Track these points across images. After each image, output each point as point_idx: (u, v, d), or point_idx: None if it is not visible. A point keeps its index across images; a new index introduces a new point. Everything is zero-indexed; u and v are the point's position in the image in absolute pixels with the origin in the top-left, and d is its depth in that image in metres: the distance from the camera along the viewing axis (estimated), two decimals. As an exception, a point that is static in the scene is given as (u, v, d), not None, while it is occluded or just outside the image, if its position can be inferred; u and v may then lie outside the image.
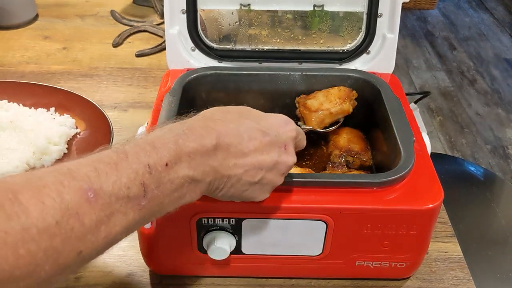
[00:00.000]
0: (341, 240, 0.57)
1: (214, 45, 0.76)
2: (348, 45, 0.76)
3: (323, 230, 0.56)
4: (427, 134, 0.66)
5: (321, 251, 0.58)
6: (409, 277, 0.63)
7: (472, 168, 1.17)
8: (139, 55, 1.06)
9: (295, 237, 0.57)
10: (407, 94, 0.73)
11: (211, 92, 0.74)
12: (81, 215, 0.34)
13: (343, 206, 0.54)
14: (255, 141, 0.48)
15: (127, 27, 1.16)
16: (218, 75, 0.73)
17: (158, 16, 1.22)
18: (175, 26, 0.74)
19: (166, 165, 0.41)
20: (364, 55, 0.76)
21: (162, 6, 0.78)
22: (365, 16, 0.74)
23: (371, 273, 0.61)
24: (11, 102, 0.67)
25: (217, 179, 0.46)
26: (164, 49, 0.86)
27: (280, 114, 0.53)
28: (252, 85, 0.73)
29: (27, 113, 0.65)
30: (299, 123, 0.71)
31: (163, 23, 1.15)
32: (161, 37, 1.12)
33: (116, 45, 1.10)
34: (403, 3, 0.72)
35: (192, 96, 0.72)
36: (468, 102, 2.37)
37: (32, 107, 0.66)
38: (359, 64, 0.76)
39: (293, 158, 0.52)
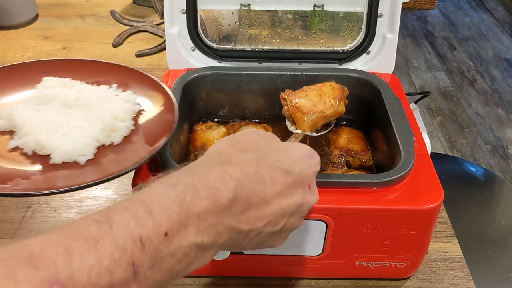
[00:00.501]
0: (341, 240, 0.57)
1: (214, 45, 0.76)
2: (348, 45, 0.76)
3: (323, 230, 0.56)
4: (427, 134, 0.66)
5: (321, 251, 0.58)
6: (409, 277, 0.63)
7: (472, 168, 1.17)
8: (139, 55, 1.06)
9: (295, 237, 0.57)
10: (407, 94, 0.73)
11: (211, 92, 0.74)
12: None
13: (343, 206, 0.54)
14: (277, 184, 0.40)
15: (127, 27, 1.16)
16: (218, 75, 0.73)
17: (158, 16, 1.22)
18: (175, 26, 0.74)
19: (166, 235, 0.32)
20: (364, 55, 0.76)
21: (162, 6, 0.78)
22: (365, 16, 0.74)
23: (371, 273, 0.61)
24: (74, 80, 0.66)
25: (233, 238, 0.38)
26: (164, 49, 0.86)
27: (303, 145, 0.47)
28: (252, 85, 0.73)
29: (90, 90, 0.64)
30: (287, 123, 0.67)
31: (163, 23, 1.15)
32: (161, 37, 1.12)
33: (116, 45, 1.10)
34: (403, 3, 0.72)
35: (192, 96, 0.72)
36: (468, 102, 2.37)
37: (95, 84, 0.66)
38: (359, 64, 0.76)
39: (316, 196, 0.46)
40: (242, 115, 0.77)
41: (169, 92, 0.63)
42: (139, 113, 0.62)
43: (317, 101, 0.64)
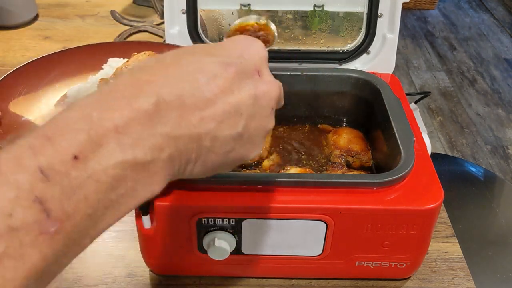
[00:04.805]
0: (341, 240, 0.57)
1: (214, 45, 0.76)
2: (348, 45, 0.76)
3: (323, 230, 0.56)
4: (427, 134, 0.66)
5: (321, 251, 0.58)
6: (409, 277, 0.63)
7: (472, 168, 1.17)
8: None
9: (295, 237, 0.57)
10: (407, 94, 0.73)
11: (211, 92, 0.74)
12: None
13: (343, 206, 0.54)
14: (217, 79, 0.35)
15: (127, 27, 1.16)
16: (218, 75, 0.73)
17: (158, 16, 1.22)
18: (175, 26, 0.74)
19: (76, 158, 0.27)
20: (364, 55, 0.76)
21: (162, 6, 0.78)
22: (365, 16, 0.74)
23: (371, 273, 0.61)
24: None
25: (180, 149, 0.32)
26: (164, 49, 0.86)
27: (239, 35, 0.42)
28: (252, 85, 0.73)
29: None
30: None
31: (163, 23, 1.15)
32: (161, 37, 1.12)
33: (116, 45, 1.10)
34: (403, 3, 0.72)
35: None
36: (468, 102, 2.37)
37: None
38: (359, 64, 0.76)
39: (274, 85, 0.40)
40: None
41: None
42: None
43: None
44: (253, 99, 0.37)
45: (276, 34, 0.51)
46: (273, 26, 0.42)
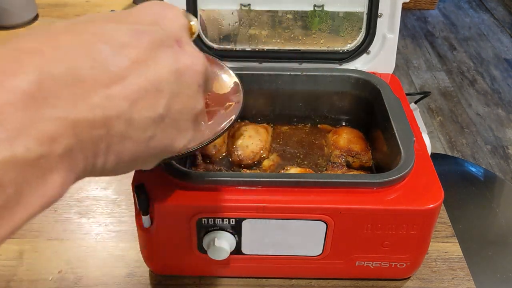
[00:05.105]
0: (341, 240, 0.57)
1: (214, 45, 0.76)
2: (348, 45, 0.76)
3: (323, 230, 0.56)
4: (427, 134, 0.66)
5: (321, 251, 0.58)
6: (409, 277, 0.63)
7: (472, 168, 1.17)
8: (139, 55, 1.06)
9: (295, 237, 0.57)
10: (407, 94, 0.73)
11: (211, 92, 0.74)
12: None
13: (343, 206, 0.54)
14: (126, 49, 0.28)
15: (127, 27, 1.16)
16: (218, 75, 0.73)
17: (158, 16, 1.22)
18: (175, 26, 0.74)
19: None
20: (364, 55, 0.76)
21: (162, 6, 0.78)
22: (365, 16, 0.74)
23: (371, 273, 0.61)
24: None
25: (81, 137, 0.26)
26: (164, 49, 0.86)
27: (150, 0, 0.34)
28: (252, 85, 0.73)
29: None
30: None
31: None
32: (161, 37, 1.12)
33: (116, 45, 1.10)
34: (403, 3, 0.72)
35: (192, 96, 0.72)
36: (468, 102, 2.37)
37: None
38: (359, 64, 0.76)
39: (200, 56, 0.33)
40: (242, 115, 0.77)
41: (233, 74, 0.62)
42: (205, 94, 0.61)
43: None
44: (174, 74, 0.30)
45: (198, 26, 0.49)
46: (193, 20, 0.38)
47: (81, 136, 0.25)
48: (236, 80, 0.61)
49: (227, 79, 0.62)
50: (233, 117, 0.53)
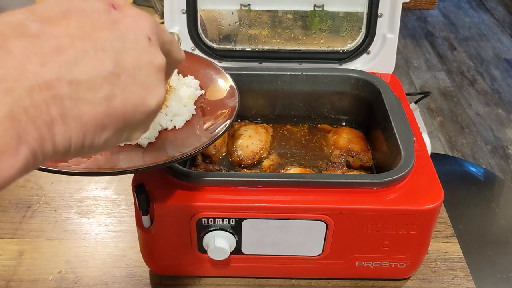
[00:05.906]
0: (341, 240, 0.57)
1: (214, 45, 0.76)
2: (348, 45, 0.76)
3: (323, 230, 0.56)
4: (427, 134, 0.66)
5: (321, 251, 0.58)
6: (409, 277, 0.63)
7: (472, 168, 1.17)
8: (139, 55, 1.06)
9: (295, 237, 0.57)
10: (407, 94, 0.73)
11: (211, 92, 0.74)
12: None
13: (343, 206, 0.54)
14: (45, 9, 0.28)
15: (127, 27, 1.16)
16: (218, 75, 0.73)
17: (158, 16, 1.21)
18: (175, 26, 0.74)
19: None
20: (364, 55, 0.76)
21: (162, 6, 0.78)
22: (365, 16, 0.74)
23: (371, 273, 0.61)
24: None
25: (23, 104, 0.25)
26: (164, 49, 0.86)
27: None
28: (252, 85, 0.73)
29: None
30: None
31: (163, 23, 1.15)
32: (161, 37, 1.12)
33: (116, 45, 1.10)
34: (403, 3, 0.72)
35: (192, 96, 0.72)
36: (468, 102, 2.37)
37: None
38: (359, 64, 0.76)
39: (143, 13, 0.32)
40: (242, 115, 0.77)
41: (229, 77, 0.62)
42: (200, 97, 0.61)
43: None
44: (115, 32, 0.29)
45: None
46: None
47: (22, 102, 0.24)
48: (232, 84, 0.61)
49: (223, 84, 0.62)
50: (228, 122, 0.54)
